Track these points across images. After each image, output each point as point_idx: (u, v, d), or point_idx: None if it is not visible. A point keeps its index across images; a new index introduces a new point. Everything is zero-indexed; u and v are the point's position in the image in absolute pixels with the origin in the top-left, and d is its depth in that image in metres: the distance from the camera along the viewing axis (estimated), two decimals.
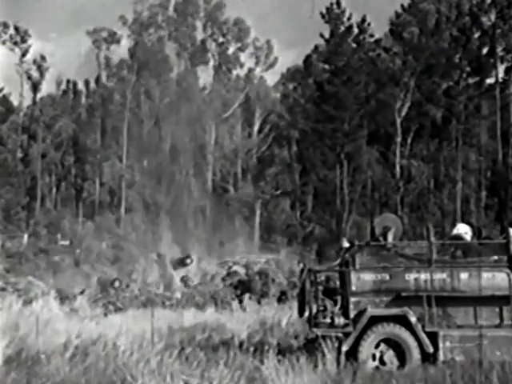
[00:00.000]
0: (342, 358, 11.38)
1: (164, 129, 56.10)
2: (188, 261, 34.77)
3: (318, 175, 51.63)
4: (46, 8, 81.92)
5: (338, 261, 12.65)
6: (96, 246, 48.07)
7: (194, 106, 56.95)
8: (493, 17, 46.96)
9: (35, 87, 62.15)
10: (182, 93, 57.12)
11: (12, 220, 53.92)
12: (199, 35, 59.43)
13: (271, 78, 70.83)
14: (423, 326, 11.55)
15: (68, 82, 66.26)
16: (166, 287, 30.35)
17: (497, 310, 11.64)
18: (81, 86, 65.85)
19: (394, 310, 11.68)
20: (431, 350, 11.38)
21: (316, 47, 54.33)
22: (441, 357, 11.32)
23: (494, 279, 11.59)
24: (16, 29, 59.88)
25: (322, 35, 51.23)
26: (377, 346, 11.54)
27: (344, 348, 11.49)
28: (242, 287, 28.16)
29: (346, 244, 12.75)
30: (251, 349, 12.56)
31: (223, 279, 30.16)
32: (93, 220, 54.43)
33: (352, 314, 11.87)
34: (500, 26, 46.92)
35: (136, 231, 47.65)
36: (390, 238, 12.49)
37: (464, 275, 11.69)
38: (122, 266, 37.06)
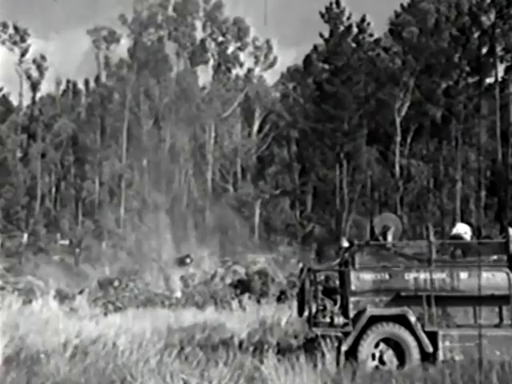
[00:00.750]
0: (342, 357, 11.37)
1: (163, 128, 56.15)
2: (188, 260, 34.81)
3: (318, 175, 51.65)
4: (46, 7, 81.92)
5: (338, 260, 12.65)
6: (95, 246, 48.12)
7: (194, 106, 57.02)
8: (492, 16, 46.96)
9: (34, 87, 62.17)
10: (182, 92, 57.16)
11: (12, 219, 53.94)
12: (199, 35, 59.59)
13: (271, 77, 70.87)
14: (423, 326, 11.53)
15: (68, 81, 66.41)
16: (165, 287, 30.36)
17: (496, 309, 11.64)
18: (80, 85, 66.00)
19: (394, 310, 11.68)
20: (431, 349, 11.37)
21: (315, 47, 54.32)
22: (440, 356, 11.30)
23: (493, 279, 11.57)
24: (15, 28, 59.88)
25: (321, 35, 51.25)
26: (376, 346, 11.52)
27: (343, 347, 11.48)
28: (242, 287, 28.14)
29: (346, 243, 12.73)
30: (251, 348, 12.56)
31: (222, 279, 30.17)
32: (92, 219, 54.46)
33: (351, 314, 11.85)
34: (499, 26, 46.91)
35: (135, 231, 47.67)
36: (389, 237, 12.49)
37: (463, 275, 11.68)
38: (122, 266, 37.05)
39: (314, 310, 12.24)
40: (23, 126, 61.75)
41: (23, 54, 60.65)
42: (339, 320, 11.88)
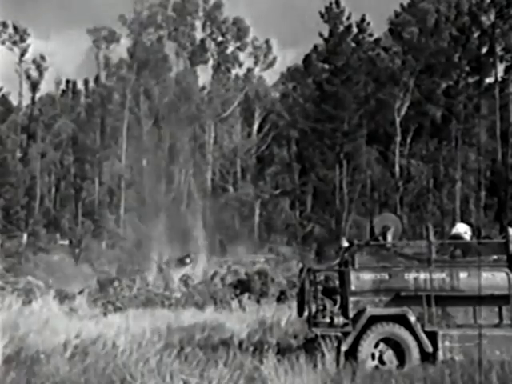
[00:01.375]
0: (342, 357, 11.37)
1: (163, 128, 56.14)
2: (187, 260, 34.80)
3: (318, 175, 51.64)
4: (46, 7, 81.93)
5: (338, 260, 12.65)
6: (95, 246, 48.10)
7: (194, 106, 57.03)
8: (492, 16, 46.97)
9: (34, 87, 62.09)
10: (182, 92, 57.15)
11: (11, 219, 53.88)
12: (198, 35, 59.57)
13: (270, 77, 70.94)
14: (422, 326, 11.54)
15: (67, 81, 66.37)
16: (165, 287, 30.35)
17: (496, 309, 11.64)
18: (80, 85, 65.98)
19: (394, 310, 11.68)
20: (430, 349, 11.37)
21: (315, 47, 54.32)
22: (440, 356, 11.30)
23: (493, 279, 11.57)
24: (15, 28, 59.81)
25: (321, 35, 51.26)
26: (376, 346, 11.52)
27: (343, 347, 11.47)
28: (242, 287, 28.13)
29: (346, 243, 12.72)
30: (250, 348, 12.53)
31: (222, 279, 30.17)
32: (92, 219, 54.45)
33: (351, 314, 11.85)
34: (499, 26, 46.92)
35: (135, 231, 47.65)
36: (389, 237, 12.48)
37: (463, 275, 11.68)
38: (122, 266, 37.04)
39: (313, 310, 12.24)
40: (23, 126, 61.70)
41: (23, 54, 60.57)
42: (339, 320, 11.88)
